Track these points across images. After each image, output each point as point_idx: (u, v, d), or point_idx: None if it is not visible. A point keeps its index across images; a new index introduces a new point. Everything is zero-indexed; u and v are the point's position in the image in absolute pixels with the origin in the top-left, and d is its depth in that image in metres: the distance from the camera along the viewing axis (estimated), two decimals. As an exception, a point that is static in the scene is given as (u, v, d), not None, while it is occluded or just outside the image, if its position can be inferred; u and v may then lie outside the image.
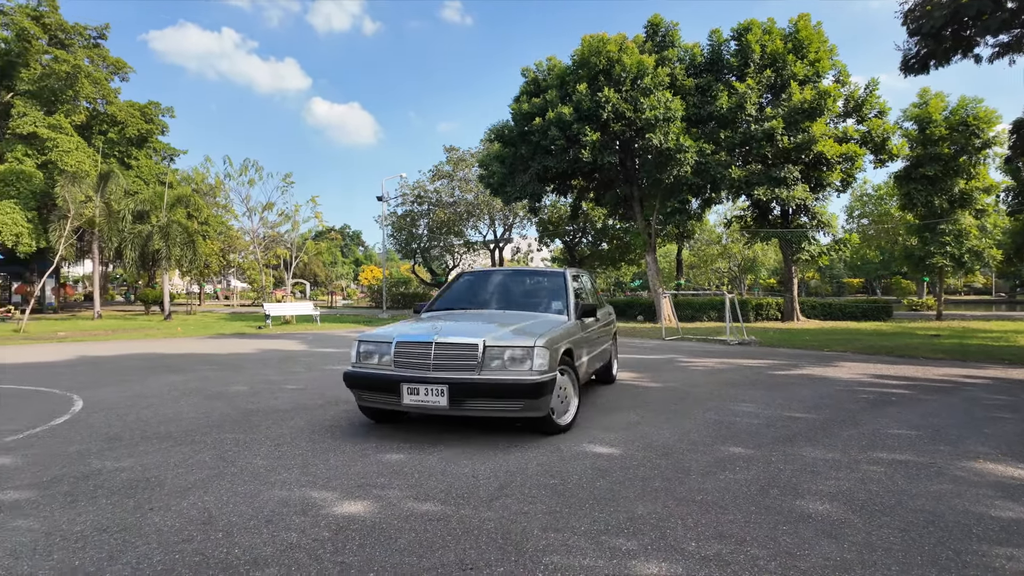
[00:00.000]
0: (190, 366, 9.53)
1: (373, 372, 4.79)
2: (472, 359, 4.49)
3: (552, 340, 4.76)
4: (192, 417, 5.64)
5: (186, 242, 23.64)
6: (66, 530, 2.97)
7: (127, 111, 30.85)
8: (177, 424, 5.35)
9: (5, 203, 23.96)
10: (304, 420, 5.48)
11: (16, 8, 28.05)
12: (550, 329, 4.99)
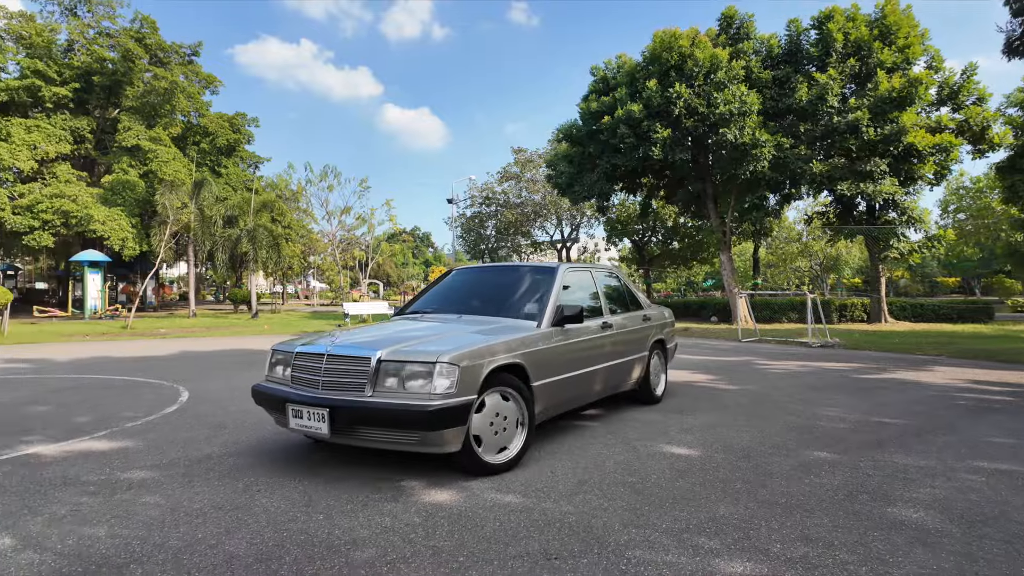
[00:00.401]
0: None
1: (270, 388, 4.12)
2: (362, 376, 3.66)
3: (473, 354, 3.72)
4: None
5: (271, 245, 25.05)
6: (187, 507, 3.29)
7: (217, 122, 33.00)
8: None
9: (113, 210, 26.20)
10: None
11: (122, 31, 30.60)
12: (484, 339, 3.98)
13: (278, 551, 2.74)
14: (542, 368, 4.31)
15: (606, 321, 5.33)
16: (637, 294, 6.35)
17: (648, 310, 6.31)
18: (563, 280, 5.02)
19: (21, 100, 27.79)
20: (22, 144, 25.75)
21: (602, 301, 5.55)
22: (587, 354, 4.92)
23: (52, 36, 29.73)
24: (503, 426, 3.94)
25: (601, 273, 5.92)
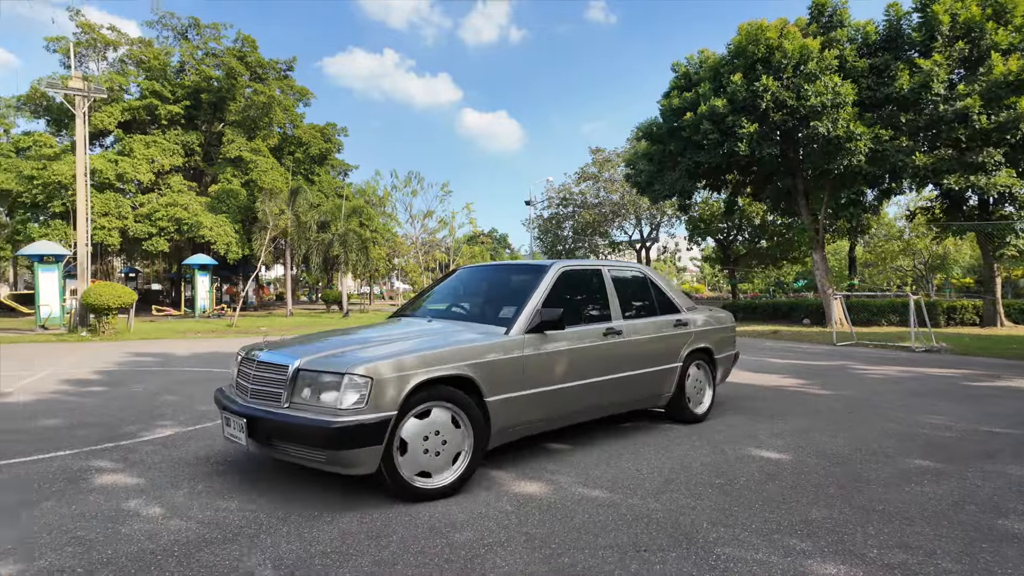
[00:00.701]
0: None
1: (221, 392, 3.97)
2: (280, 385, 3.43)
3: (395, 365, 3.33)
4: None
5: (360, 248, 26.32)
6: (301, 486, 3.63)
7: (310, 133, 34.99)
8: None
9: (219, 217, 28.41)
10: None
11: (226, 51, 33.09)
12: (420, 348, 3.61)
13: (386, 529, 3.00)
14: (503, 381, 3.80)
15: (613, 327, 4.63)
16: (672, 295, 5.45)
17: (687, 314, 5.43)
18: (552, 281, 4.38)
19: (141, 118, 30.69)
20: (142, 158, 28.43)
21: (612, 304, 4.80)
22: (578, 364, 4.29)
23: (167, 59, 32.61)
24: (439, 448, 3.46)
25: (617, 271, 5.10)
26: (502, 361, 3.83)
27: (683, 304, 5.54)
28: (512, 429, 3.95)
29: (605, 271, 4.96)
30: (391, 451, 3.30)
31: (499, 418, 3.79)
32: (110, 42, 31.93)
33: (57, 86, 18.16)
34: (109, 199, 26.62)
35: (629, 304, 5.02)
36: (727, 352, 5.95)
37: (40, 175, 24.92)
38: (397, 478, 3.33)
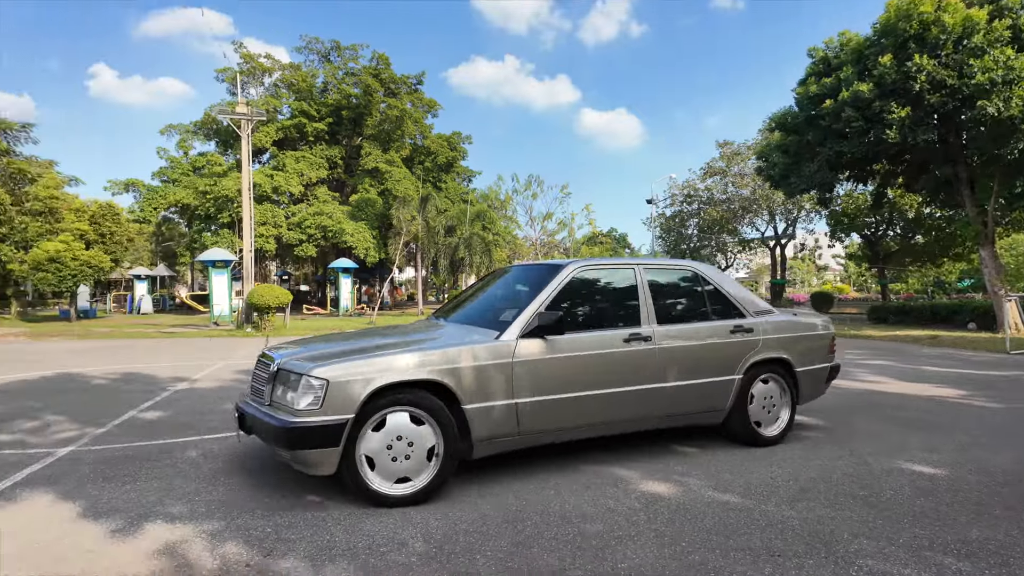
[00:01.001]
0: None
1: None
2: (266, 383, 3.59)
3: (355, 368, 3.34)
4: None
5: (484, 250, 27.33)
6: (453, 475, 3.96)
7: (438, 143, 36.83)
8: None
9: (359, 224, 30.80)
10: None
11: (362, 69, 35.78)
12: (390, 351, 3.58)
13: (521, 516, 3.22)
14: (486, 388, 3.62)
15: (639, 332, 4.18)
16: (735, 297, 4.77)
17: (753, 319, 4.69)
18: (562, 283, 4.10)
19: (292, 136, 34.07)
20: (293, 172, 31.56)
21: (642, 306, 4.32)
22: (590, 373, 3.97)
23: (312, 81, 35.90)
24: (406, 453, 3.39)
25: (656, 271, 4.59)
26: (485, 367, 3.63)
27: (750, 308, 4.77)
28: (503, 439, 3.73)
29: (639, 270, 4.47)
30: (354, 454, 3.31)
31: (481, 427, 3.61)
32: (266, 69, 35.77)
33: (226, 112, 20.73)
34: (266, 210, 29.84)
35: (670, 307, 4.53)
36: (816, 365, 4.98)
37: (211, 190, 28.52)
38: (360, 482, 3.32)
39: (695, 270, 4.79)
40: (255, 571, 2.58)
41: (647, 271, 4.51)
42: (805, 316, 5.27)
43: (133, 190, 32.40)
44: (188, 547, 2.82)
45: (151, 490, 3.60)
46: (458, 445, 3.53)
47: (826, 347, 5.11)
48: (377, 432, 3.37)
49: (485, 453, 3.72)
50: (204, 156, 32.62)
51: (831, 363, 5.17)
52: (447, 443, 3.47)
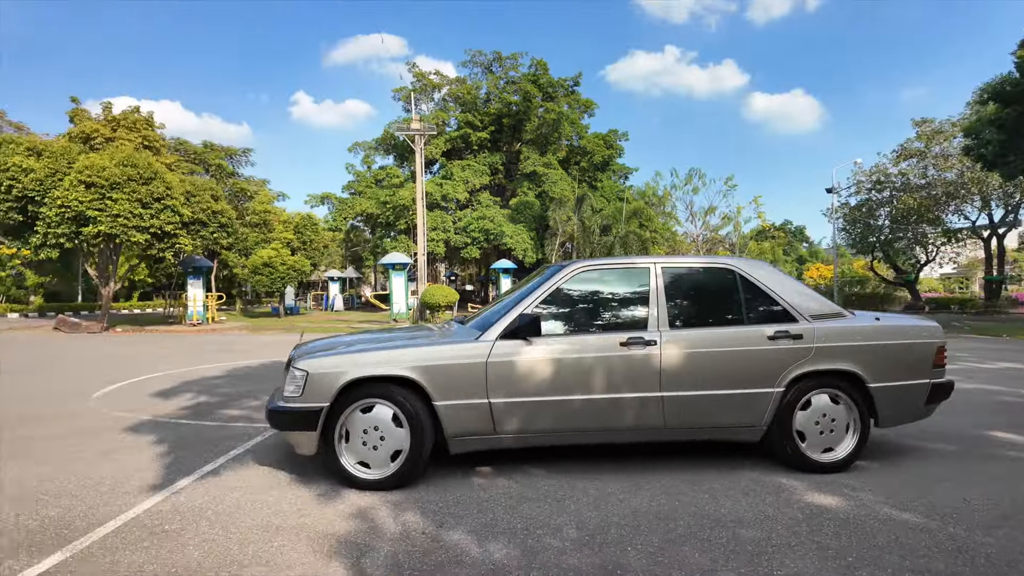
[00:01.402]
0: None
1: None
2: (284, 372, 4.09)
3: (333, 363, 3.71)
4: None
5: (640, 249, 26.87)
6: (602, 470, 4.11)
7: (593, 142, 36.94)
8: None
9: (518, 227, 32.00)
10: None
11: (522, 77, 37.03)
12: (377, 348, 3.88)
13: (673, 514, 3.26)
14: (458, 387, 3.72)
15: (642, 336, 3.92)
16: (784, 297, 4.15)
17: (806, 323, 4.06)
18: (557, 283, 4.07)
19: (458, 146, 36.33)
20: (459, 180, 33.67)
21: (653, 308, 4.05)
22: (577, 376, 3.83)
23: (476, 92, 37.94)
24: (377, 443, 3.67)
25: (679, 269, 4.23)
26: (459, 366, 3.75)
27: (806, 311, 4.13)
28: (480, 437, 3.81)
29: (655, 269, 4.16)
30: (331, 437, 3.68)
31: (453, 424, 3.74)
32: (435, 85, 38.53)
33: (402, 129, 22.82)
34: (436, 216, 32.20)
35: (690, 310, 4.15)
36: (905, 380, 4.13)
37: (390, 200, 31.47)
38: (336, 463, 3.68)
39: (734, 268, 4.24)
40: (429, 538, 2.95)
41: (667, 271, 4.19)
42: (894, 320, 4.48)
43: (327, 202, 36.89)
44: (376, 513, 3.29)
45: (346, 463, 4.21)
46: (426, 440, 3.69)
47: (924, 359, 4.18)
48: (355, 420, 3.71)
49: (462, 450, 3.86)
50: (384, 169, 36.09)
51: (935, 379, 4.21)
52: (414, 437, 3.66)
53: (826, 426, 4.03)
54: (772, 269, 4.35)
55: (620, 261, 4.31)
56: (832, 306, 4.26)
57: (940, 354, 4.22)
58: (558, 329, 4.01)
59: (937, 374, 4.22)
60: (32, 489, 3.65)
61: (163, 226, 20.55)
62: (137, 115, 28.94)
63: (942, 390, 4.25)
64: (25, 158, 19.89)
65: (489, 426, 3.80)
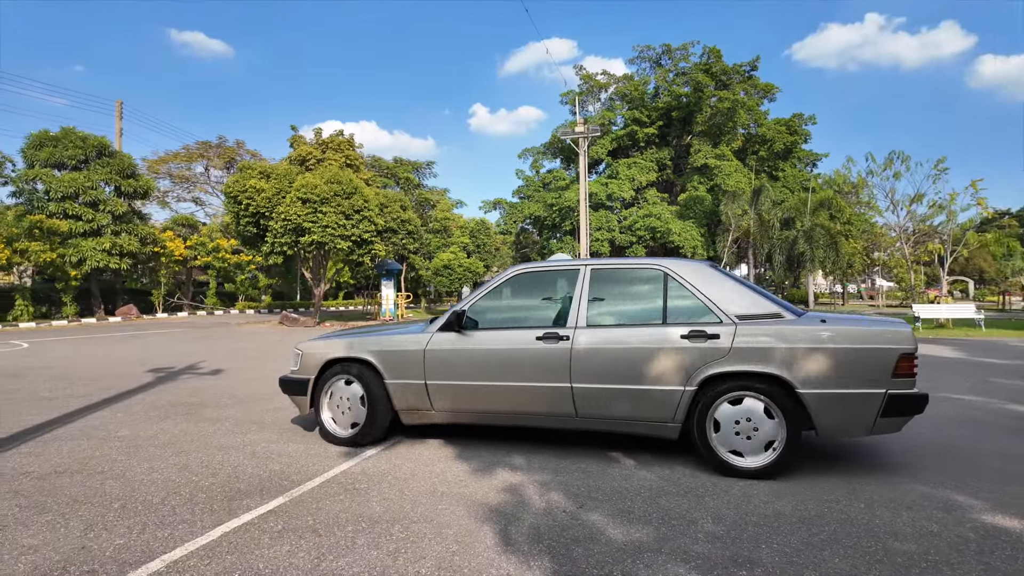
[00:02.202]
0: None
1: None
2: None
3: (319, 345, 4.91)
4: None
5: (828, 244, 24.46)
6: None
7: (774, 129, 34.30)
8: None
9: (687, 223, 30.90)
10: (931, 428, 5.21)
11: (692, 67, 35.65)
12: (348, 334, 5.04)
13: (819, 520, 3.18)
14: (403, 370, 4.57)
15: (557, 332, 4.26)
16: (710, 299, 4.07)
17: (726, 326, 3.95)
18: (495, 285, 4.70)
19: (624, 144, 36.07)
20: (625, 179, 33.44)
21: (575, 308, 4.33)
22: (497, 366, 4.35)
23: (644, 88, 37.32)
24: (345, 409, 4.72)
25: (610, 271, 4.41)
26: (404, 352, 4.59)
27: (732, 310, 4.01)
28: (421, 412, 4.59)
29: (584, 271, 4.43)
30: (319, 401, 4.80)
31: (399, 399, 4.60)
32: (602, 85, 38.65)
33: (567, 133, 23.35)
34: (601, 216, 32.35)
35: (614, 308, 4.35)
36: (847, 389, 3.75)
37: (556, 202, 32.29)
38: (319, 419, 4.80)
39: (664, 269, 4.27)
40: (570, 517, 3.24)
41: (596, 272, 4.42)
42: (844, 324, 3.93)
43: (499, 207, 38.89)
44: (525, 490, 3.66)
45: (503, 445, 4.67)
46: (380, 412, 4.60)
47: (879, 368, 3.74)
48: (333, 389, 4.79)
49: (411, 422, 4.68)
50: (551, 173, 37.09)
51: (894, 390, 3.73)
52: (372, 406, 4.62)
53: (746, 430, 3.89)
54: (706, 270, 4.26)
55: (553, 264, 4.72)
56: (771, 307, 4.03)
57: (904, 363, 3.75)
58: (491, 324, 4.54)
59: (899, 384, 3.75)
60: (263, 449, 4.62)
61: (361, 234, 23.37)
62: (341, 138, 33.13)
63: (907, 403, 3.77)
64: (258, 180, 23.94)
65: (427, 403, 4.56)
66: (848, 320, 4.07)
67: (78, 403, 6.44)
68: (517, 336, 4.37)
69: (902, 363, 3.74)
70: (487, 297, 4.65)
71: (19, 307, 21.37)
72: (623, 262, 4.50)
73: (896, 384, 3.75)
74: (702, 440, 3.96)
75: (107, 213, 23.55)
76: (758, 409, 3.87)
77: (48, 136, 23.39)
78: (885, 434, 4.14)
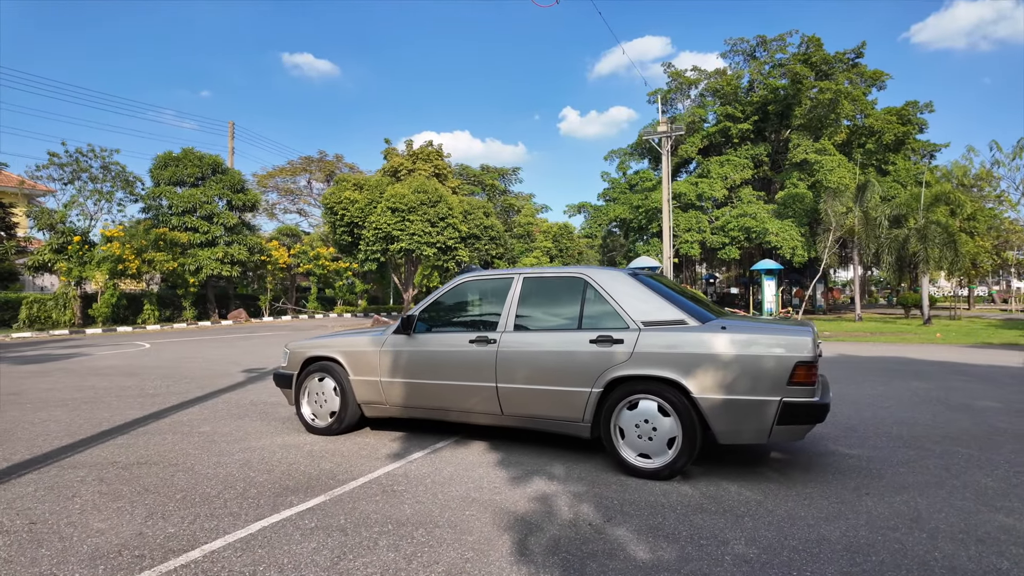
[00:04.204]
0: (938, 374, 9.19)
1: None
2: None
3: (301, 346, 5.50)
4: (926, 424, 5.65)
5: (946, 242, 22.17)
6: (799, 490, 3.80)
7: (883, 119, 31.66)
8: (909, 428, 5.51)
9: (785, 222, 29.15)
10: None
11: (790, 57, 33.67)
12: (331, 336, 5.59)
13: (868, 549, 2.91)
14: (362, 367, 5.10)
15: (486, 336, 4.63)
16: (622, 306, 4.27)
17: (631, 332, 4.15)
18: (445, 291, 5.09)
19: (716, 141, 34.67)
20: (717, 177, 32.11)
21: (504, 313, 4.69)
22: (436, 366, 4.78)
23: (737, 82, 35.67)
24: (322, 402, 5.27)
25: (540, 279, 4.74)
26: (364, 352, 5.10)
27: (640, 316, 4.19)
28: (377, 406, 5.10)
29: (518, 280, 4.77)
30: (300, 395, 5.40)
31: (360, 393, 5.12)
32: (692, 81, 37.39)
33: (650, 132, 22.79)
34: (691, 216, 31.25)
35: (538, 314, 4.64)
36: (741, 396, 3.80)
37: (643, 204, 31.57)
38: (299, 413, 5.39)
39: (584, 277, 4.51)
40: (594, 530, 3.17)
41: (526, 281, 4.74)
42: (742, 330, 3.95)
43: (583, 211, 38.62)
44: (557, 500, 3.62)
45: (545, 454, 4.64)
46: (350, 405, 5.15)
47: (774, 375, 3.76)
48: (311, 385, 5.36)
49: (371, 414, 5.19)
50: (638, 174, 36.35)
51: (790, 398, 3.72)
52: (343, 399, 5.18)
53: (646, 432, 4.03)
54: (622, 277, 4.43)
55: (495, 273, 4.94)
56: (677, 314, 4.12)
57: (801, 371, 3.72)
58: (436, 327, 4.98)
59: (796, 392, 3.72)
60: (320, 449, 4.88)
61: (446, 241, 24.03)
62: (430, 148, 34.25)
63: (805, 411, 3.72)
64: (352, 192, 25.27)
65: (381, 397, 5.03)
66: (749, 327, 4.06)
67: (175, 399, 7.11)
68: (454, 339, 4.76)
69: (799, 371, 3.72)
70: (435, 302, 5.08)
71: (147, 311, 23.84)
72: (552, 271, 4.76)
73: (792, 392, 3.73)
74: (607, 439, 4.17)
75: (220, 225, 25.79)
76: (653, 409, 4.01)
77: (171, 157, 25.99)
78: (789, 442, 4.48)
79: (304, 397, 5.39)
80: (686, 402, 3.91)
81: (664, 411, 3.98)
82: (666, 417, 3.97)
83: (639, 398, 4.06)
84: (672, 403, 3.94)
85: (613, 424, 4.14)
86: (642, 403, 4.05)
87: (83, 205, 23.05)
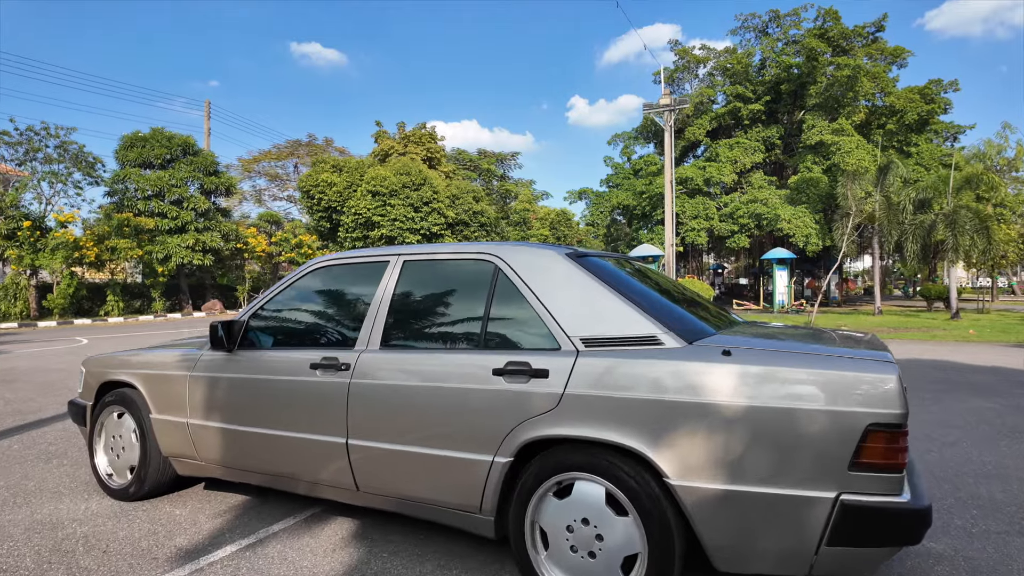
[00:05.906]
0: (1000, 387, 7.35)
1: None
2: None
3: (100, 362, 3.58)
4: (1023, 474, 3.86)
5: (978, 229, 20.18)
6: None
7: (905, 98, 29.57)
8: (1002, 483, 3.73)
9: (798, 209, 27.18)
10: None
11: (805, 33, 31.49)
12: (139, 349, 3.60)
13: None
14: (163, 398, 3.24)
15: (335, 357, 2.74)
16: (549, 308, 2.36)
17: (561, 355, 2.27)
18: (291, 282, 3.13)
19: (726, 123, 32.63)
20: (726, 161, 30.10)
21: (369, 318, 2.79)
22: (261, 405, 2.89)
23: (748, 60, 33.53)
24: (121, 447, 3.45)
25: (426, 265, 2.80)
26: (168, 377, 3.24)
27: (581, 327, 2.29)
28: (190, 462, 3.23)
29: (394, 263, 2.87)
30: (93, 437, 3.55)
31: (164, 441, 3.27)
32: (700, 60, 35.28)
33: (651, 107, 20.86)
34: (698, 203, 29.32)
35: (423, 321, 2.72)
36: (759, 488, 1.92)
37: (647, 190, 29.67)
38: (93, 464, 3.53)
39: (494, 259, 2.61)
40: None
41: (408, 266, 2.85)
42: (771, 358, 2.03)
43: (584, 197, 36.70)
44: None
45: (460, 543, 2.88)
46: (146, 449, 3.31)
47: (825, 449, 1.86)
48: (109, 422, 3.54)
49: (185, 472, 3.34)
50: (643, 159, 34.38)
51: (854, 493, 1.84)
52: (143, 449, 3.32)
53: (584, 540, 2.18)
54: (554, 261, 2.52)
55: (360, 255, 3.09)
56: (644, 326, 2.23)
57: (878, 441, 1.83)
58: (268, 341, 3.11)
59: (867, 484, 1.85)
60: (86, 532, 3.15)
61: (431, 227, 22.22)
62: (423, 131, 32.43)
63: (884, 521, 1.82)
64: (330, 174, 23.52)
65: (192, 450, 3.19)
66: (774, 350, 2.15)
67: (12, 421, 5.40)
68: (291, 361, 2.90)
69: (875, 441, 1.85)
70: (272, 301, 3.17)
71: (111, 302, 22.25)
72: (447, 250, 2.84)
73: (860, 484, 1.87)
74: (518, 548, 2.33)
75: (191, 211, 24.09)
76: (598, 499, 2.18)
77: (139, 137, 24.27)
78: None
79: (99, 440, 3.59)
80: (655, 490, 2.08)
81: (617, 505, 2.16)
82: (620, 516, 2.15)
83: (573, 478, 2.23)
84: (630, 491, 2.10)
85: (529, 522, 2.32)
86: (579, 487, 2.22)
87: (37, 188, 21.41)
